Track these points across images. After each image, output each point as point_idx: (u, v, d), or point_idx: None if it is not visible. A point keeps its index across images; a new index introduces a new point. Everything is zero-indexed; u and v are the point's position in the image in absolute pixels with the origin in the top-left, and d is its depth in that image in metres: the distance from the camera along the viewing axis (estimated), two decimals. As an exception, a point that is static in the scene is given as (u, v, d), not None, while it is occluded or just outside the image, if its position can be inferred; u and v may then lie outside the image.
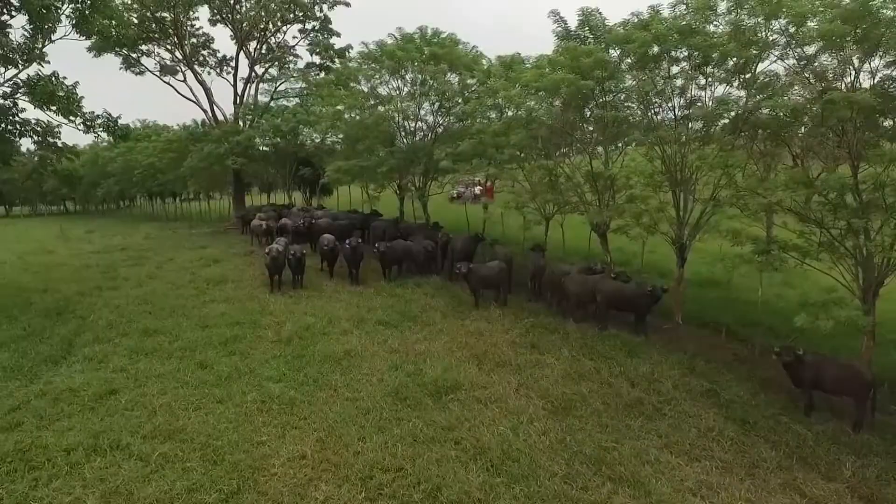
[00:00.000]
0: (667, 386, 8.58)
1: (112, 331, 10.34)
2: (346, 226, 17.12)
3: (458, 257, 13.50)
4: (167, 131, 33.60)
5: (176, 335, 10.07)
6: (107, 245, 21.36)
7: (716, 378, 8.93)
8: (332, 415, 7.46)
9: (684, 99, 11.45)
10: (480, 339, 10.05)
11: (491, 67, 14.78)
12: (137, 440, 6.78)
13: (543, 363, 9.17)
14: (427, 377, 8.45)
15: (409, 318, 11.06)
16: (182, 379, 8.38)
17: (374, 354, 9.42)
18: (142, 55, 28.27)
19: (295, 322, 10.74)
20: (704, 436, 7.34)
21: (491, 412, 7.65)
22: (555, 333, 10.41)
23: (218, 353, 9.30)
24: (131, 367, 8.79)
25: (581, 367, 9.04)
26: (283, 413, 7.51)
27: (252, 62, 27.18)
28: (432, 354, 9.35)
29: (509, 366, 9.10)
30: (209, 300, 12.21)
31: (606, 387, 8.52)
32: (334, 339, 9.96)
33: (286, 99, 26.77)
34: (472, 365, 9.06)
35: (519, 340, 10.04)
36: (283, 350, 9.51)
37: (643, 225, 10.98)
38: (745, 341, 10.54)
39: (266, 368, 8.76)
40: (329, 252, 14.00)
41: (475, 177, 19.56)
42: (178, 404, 7.66)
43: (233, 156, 22.45)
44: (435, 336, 10.23)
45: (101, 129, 11.72)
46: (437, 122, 16.28)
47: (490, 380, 8.60)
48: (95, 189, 41.51)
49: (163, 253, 18.56)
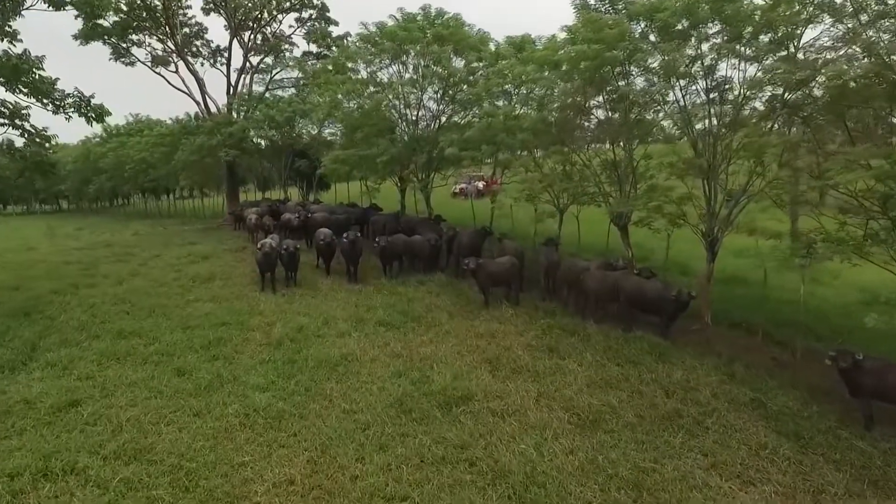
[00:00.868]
0: (705, 395, 7.59)
1: (82, 333, 9.33)
2: (344, 220, 16.13)
3: (464, 252, 12.48)
4: (160, 125, 32.51)
5: (153, 337, 9.07)
6: (92, 242, 20.33)
7: (758, 385, 7.94)
8: (326, 430, 6.47)
9: (713, 79, 10.52)
10: (492, 342, 9.06)
11: (500, 49, 13.78)
12: (97, 462, 5.78)
13: (564, 369, 8.18)
14: (434, 385, 7.46)
15: (413, 318, 10.06)
16: (155, 388, 7.37)
17: (374, 359, 8.42)
18: (132, 45, 27.27)
19: (287, 323, 9.74)
20: (756, 454, 6.35)
21: (509, 426, 6.67)
22: (574, 335, 9.41)
23: (199, 358, 8.30)
24: (99, 374, 7.78)
25: (607, 374, 8.04)
26: (270, 428, 6.52)
27: (246, 51, 26.17)
28: (439, 359, 8.36)
29: (526, 372, 8.11)
30: (193, 299, 11.20)
31: (638, 396, 7.53)
32: (330, 342, 8.96)
33: (282, 89, 25.77)
34: (484, 371, 8.08)
35: (535, 343, 9.04)
36: (272, 354, 8.51)
37: (669, 216, 10.00)
38: (783, 344, 9.55)
39: (252, 375, 7.75)
40: (325, 247, 13.00)
41: (480, 171, 18.51)
42: (149, 418, 6.66)
43: (225, 148, 21.42)
44: (442, 338, 9.23)
45: (71, 109, 10.66)
46: (442, 110, 15.24)
47: (506, 388, 7.61)
48: (87, 186, 40.51)
49: (150, 249, 17.54)
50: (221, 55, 27.87)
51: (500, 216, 16.09)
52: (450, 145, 12.29)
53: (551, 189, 11.28)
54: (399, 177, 16.53)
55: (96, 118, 10.82)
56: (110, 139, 37.10)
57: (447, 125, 15.37)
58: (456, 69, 14.32)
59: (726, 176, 9.91)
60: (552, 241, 12.11)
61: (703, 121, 10.45)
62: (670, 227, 10.75)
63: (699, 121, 10.45)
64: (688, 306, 9.30)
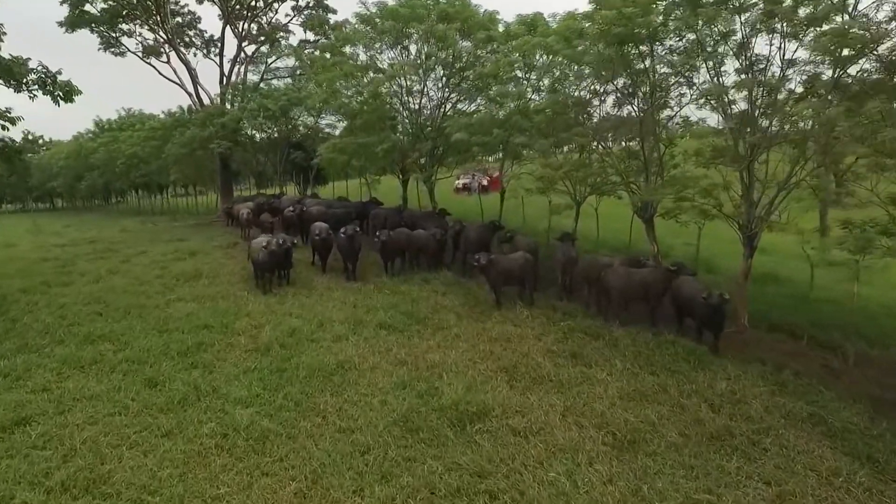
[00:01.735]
0: (756, 409, 6.59)
1: (46, 337, 8.29)
2: (342, 214, 15.09)
3: (472, 248, 11.47)
4: (152, 119, 31.42)
5: (125, 342, 8.04)
6: (76, 238, 19.27)
7: (814, 398, 6.94)
8: (319, 454, 5.47)
9: (745, 58, 9.54)
10: (508, 348, 8.05)
11: (510, 28, 12.75)
12: (39, 496, 4.77)
13: (592, 378, 7.17)
14: (445, 399, 6.45)
15: (418, 320, 9.04)
16: (121, 402, 6.35)
17: (374, 367, 7.41)
18: (122, 34, 26.22)
19: (277, 326, 8.72)
20: (828, 483, 5.35)
21: (534, 449, 5.66)
22: (599, 339, 8.40)
23: (174, 367, 7.27)
24: (57, 385, 6.76)
25: (642, 384, 7.04)
26: (252, 452, 5.50)
27: (241, 41, 25.13)
28: (449, 367, 7.35)
29: (549, 382, 7.10)
30: (175, 298, 10.17)
31: (679, 410, 6.52)
32: (325, 348, 7.95)
33: (278, 79, 24.71)
34: (501, 381, 7.07)
35: (556, 349, 8.03)
36: (258, 362, 7.48)
37: (701, 207, 9.01)
38: (831, 348, 8.56)
39: (234, 387, 6.73)
40: (321, 242, 11.97)
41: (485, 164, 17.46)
42: (108, 439, 5.64)
43: (217, 139, 20.37)
44: (450, 343, 8.22)
45: (35, 87, 9.62)
46: (447, 97, 14.16)
47: (526, 402, 6.61)
48: (79, 182, 39.44)
49: (135, 246, 16.49)
50: (215, 45, 26.86)
51: (508, 211, 15.09)
52: (458, 130, 11.24)
53: (569, 179, 10.24)
54: (401, 168, 15.48)
55: (64, 97, 9.76)
56: (102, 134, 36.07)
57: (452, 114, 14.32)
58: (462, 50, 13.26)
59: (767, 165, 8.93)
60: (568, 235, 11.10)
61: (738, 103, 9.50)
62: (700, 220, 9.76)
63: (735, 102, 9.48)
64: (721, 311, 8.16)
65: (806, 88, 8.90)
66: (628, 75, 10.58)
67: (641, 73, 10.39)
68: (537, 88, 13.22)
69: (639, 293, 9.12)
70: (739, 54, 9.45)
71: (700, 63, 9.86)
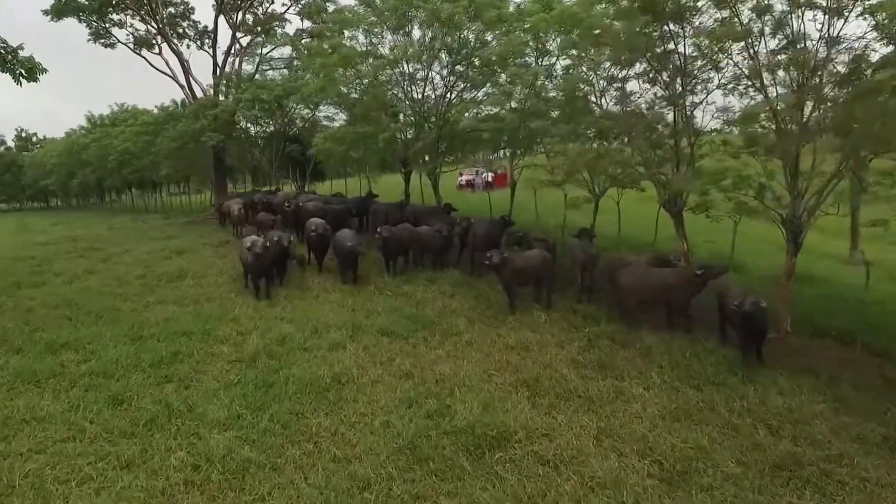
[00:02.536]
0: (821, 430, 5.64)
1: (3, 345, 7.32)
2: (341, 211, 14.10)
3: (481, 245, 10.52)
4: (145, 115, 30.42)
5: (91, 351, 7.08)
6: (60, 236, 18.29)
7: (883, 417, 6.00)
8: (309, 491, 4.53)
9: (784, 36, 8.65)
10: (527, 357, 7.10)
11: (523, 6, 11.79)
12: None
13: (627, 394, 6.23)
14: (458, 420, 5.52)
15: (424, 325, 8.09)
16: (77, 424, 5.40)
17: (375, 381, 6.47)
18: (112, 25, 25.23)
19: (265, 332, 7.76)
20: (926, 526, 4.41)
21: (567, 483, 4.73)
22: (628, 348, 7.46)
23: (145, 380, 6.32)
24: (5, 404, 5.79)
25: (684, 401, 6.09)
26: (228, 489, 4.56)
27: (235, 30, 24.14)
28: (461, 381, 6.40)
29: (577, 398, 6.15)
30: (155, 301, 9.21)
31: (732, 433, 5.59)
32: (319, 358, 6.99)
33: (273, 69, 23.71)
34: (522, 398, 6.13)
35: (582, 358, 7.08)
36: (242, 374, 6.53)
37: (739, 199, 8.10)
38: (887, 356, 7.64)
39: (213, 405, 5.78)
40: (318, 239, 11.01)
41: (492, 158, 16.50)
42: (57, 472, 4.69)
43: (209, 132, 19.39)
44: (462, 352, 7.27)
45: (-8, 62, 8.63)
46: (453, 82, 13.14)
47: (553, 422, 5.66)
48: (72, 180, 38.48)
49: (121, 244, 15.52)
50: (208, 36, 25.87)
51: (517, 206, 14.12)
52: (466, 113, 10.25)
53: (590, 169, 9.29)
54: (402, 160, 14.50)
55: (27, 75, 8.79)
56: (94, 130, 35.09)
57: (458, 101, 13.34)
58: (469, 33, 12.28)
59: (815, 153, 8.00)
60: (587, 231, 10.17)
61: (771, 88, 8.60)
62: (735, 215, 8.83)
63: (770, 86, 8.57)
64: (756, 320, 7.11)
65: (851, 70, 8.01)
66: (651, 59, 9.70)
67: (665, 57, 9.50)
68: (550, 74, 12.30)
69: (658, 295, 8.16)
70: (777, 31, 8.58)
71: (730, 45, 8.99)
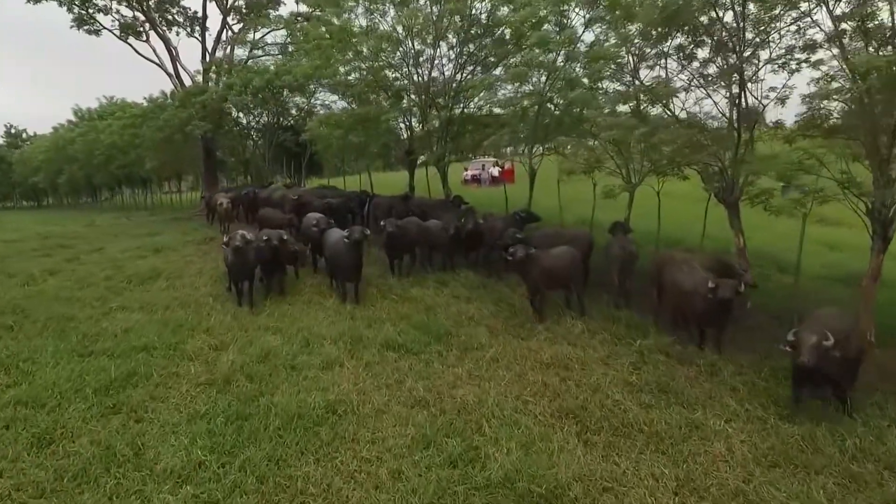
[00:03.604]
0: (966, 480, 4.30)
1: (-86, 363, 5.91)
2: (339, 206, 12.72)
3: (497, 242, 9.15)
4: (133, 107, 28.94)
5: (26, 371, 5.68)
6: (30, 234, 16.81)
7: None
8: (290, 588, 3.14)
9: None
10: (568, 378, 5.73)
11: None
12: None
13: (703, 429, 4.87)
14: (492, 468, 4.16)
15: (437, 337, 6.71)
16: (-20, 478, 4.00)
17: (381, 410, 5.09)
18: (97, 11, 23.82)
19: (245, 346, 6.37)
20: None
21: (652, 568, 3.35)
22: (689, 365, 6.11)
23: (86, 412, 4.93)
24: None
25: (780, 440, 4.74)
26: (173, 585, 3.17)
27: (226, 14, 22.75)
28: (490, 411, 5.03)
29: (639, 434, 4.79)
30: (118, 306, 7.80)
31: (853, 484, 4.25)
32: (310, 380, 5.61)
33: (267, 55, 22.27)
34: (569, 434, 4.76)
35: (636, 380, 5.72)
36: (212, 403, 5.14)
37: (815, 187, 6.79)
38: None
39: (167, 448, 4.39)
40: (319, 235, 9.58)
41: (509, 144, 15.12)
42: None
43: (196, 120, 17.97)
44: (487, 371, 5.90)
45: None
46: (462, 63, 11.78)
47: (615, 470, 4.30)
48: (59, 177, 36.98)
49: (95, 242, 14.09)
50: (198, 22, 24.45)
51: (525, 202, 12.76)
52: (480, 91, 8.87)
53: (634, 151, 7.94)
54: (407, 150, 13.12)
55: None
56: (80, 124, 33.62)
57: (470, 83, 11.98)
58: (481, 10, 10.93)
59: None
60: (622, 226, 8.82)
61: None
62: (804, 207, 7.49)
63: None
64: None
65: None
66: (688, 31, 8.40)
67: (703, 29, 8.18)
68: (570, 56, 10.96)
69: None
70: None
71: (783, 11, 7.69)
